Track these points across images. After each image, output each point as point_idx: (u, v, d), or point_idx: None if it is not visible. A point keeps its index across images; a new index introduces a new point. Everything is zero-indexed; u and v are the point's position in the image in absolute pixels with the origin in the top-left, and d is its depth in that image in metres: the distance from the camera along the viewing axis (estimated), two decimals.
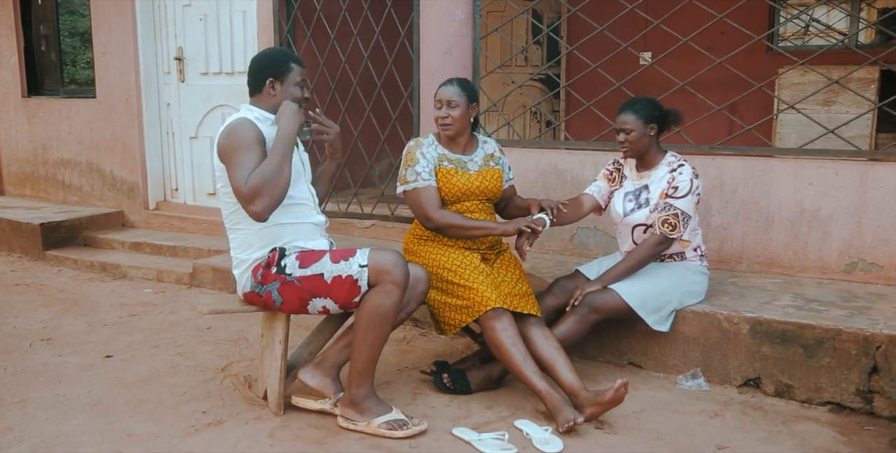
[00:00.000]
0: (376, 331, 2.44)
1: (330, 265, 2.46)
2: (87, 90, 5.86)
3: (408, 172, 2.79)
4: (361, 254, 2.47)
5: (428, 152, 2.81)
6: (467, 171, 2.84)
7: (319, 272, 2.46)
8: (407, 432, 2.42)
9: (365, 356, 2.46)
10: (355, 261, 2.45)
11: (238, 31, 4.98)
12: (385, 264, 2.42)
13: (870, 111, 4.38)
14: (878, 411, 2.61)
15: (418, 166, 2.78)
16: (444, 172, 2.80)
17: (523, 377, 2.55)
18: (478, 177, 2.85)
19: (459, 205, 2.84)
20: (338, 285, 2.45)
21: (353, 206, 4.65)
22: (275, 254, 2.53)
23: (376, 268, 2.42)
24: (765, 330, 2.77)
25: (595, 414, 2.49)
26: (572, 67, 6.34)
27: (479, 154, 2.91)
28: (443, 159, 2.83)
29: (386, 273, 2.41)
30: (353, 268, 2.44)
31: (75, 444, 2.43)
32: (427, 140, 2.87)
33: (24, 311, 3.97)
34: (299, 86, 2.62)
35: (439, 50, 4.08)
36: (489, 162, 2.91)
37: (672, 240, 2.84)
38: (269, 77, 2.58)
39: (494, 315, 2.60)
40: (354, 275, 2.43)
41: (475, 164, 2.87)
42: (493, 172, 2.89)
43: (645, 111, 2.83)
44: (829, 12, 6.00)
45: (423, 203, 2.75)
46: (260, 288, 2.55)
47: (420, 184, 2.76)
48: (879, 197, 3.21)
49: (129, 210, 5.59)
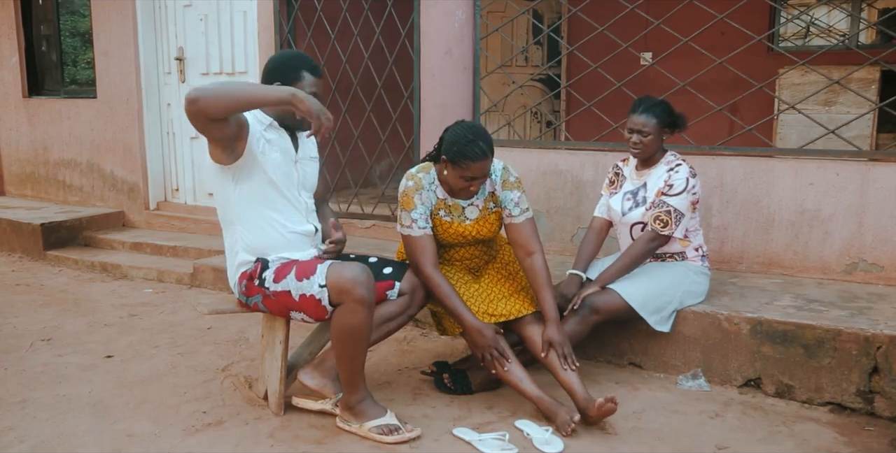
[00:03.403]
0: (351, 346, 2.40)
1: (295, 282, 2.40)
2: (88, 90, 5.86)
3: (403, 216, 2.62)
4: (321, 272, 2.37)
5: (427, 198, 2.63)
6: (464, 221, 2.67)
7: (287, 289, 2.42)
8: (396, 438, 2.40)
9: (347, 368, 2.44)
10: (315, 281, 2.37)
11: (238, 31, 4.99)
12: (344, 283, 2.32)
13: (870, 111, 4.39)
14: (878, 411, 2.60)
15: (415, 213, 2.60)
16: (438, 222, 2.66)
17: (513, 384, 2.56)
18: (473, 227, 2.68)
19: (454, 251, 2.77)
20: (304, 302, 2.41)
21: (353, 207, 4.65)
22: (258, 266, 2.50)
23: (336, 287, 2.33)
24: (765, 330, 2.77)
25: (593, 422, 2.49)
26: (573, 67, 6.34)
27: (480, 196, 2.69)
28: (440, 207, 2.66)
29: (346, 292, 2.32)
30: (314, 287, 2.37)
31: (76, 444, 2.43)
32: (427, 179, 2.64)
33: (24, 311, 3.97)
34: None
35: (440, 50, 4.08)
36: (489, 204, 2.70)
37: (665, 237, 2.84)
38: (276, 80, 2.46)
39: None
40: (317, 295, 2.37)
41: (475, 210, 2.68)
42: (491, 217, 2.71)
43: (664, 115, 2.84)
44: (829, 12, 6.00)
45: (416, 253, 2.60)
46: (246, 299, 2.55)
47: (415, 233, 2.60)
48: (880, 197, 3.20)
49: (130, 210, 5.59)
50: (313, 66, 2.50)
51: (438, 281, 2.56)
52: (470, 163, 2.47)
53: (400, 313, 2.61)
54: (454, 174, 2.53)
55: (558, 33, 5.81)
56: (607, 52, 3.95)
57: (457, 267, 2.81)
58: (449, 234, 2.69)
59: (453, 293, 2.56)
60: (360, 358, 2.44)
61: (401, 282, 2.61)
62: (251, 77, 4.95)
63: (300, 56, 2.55)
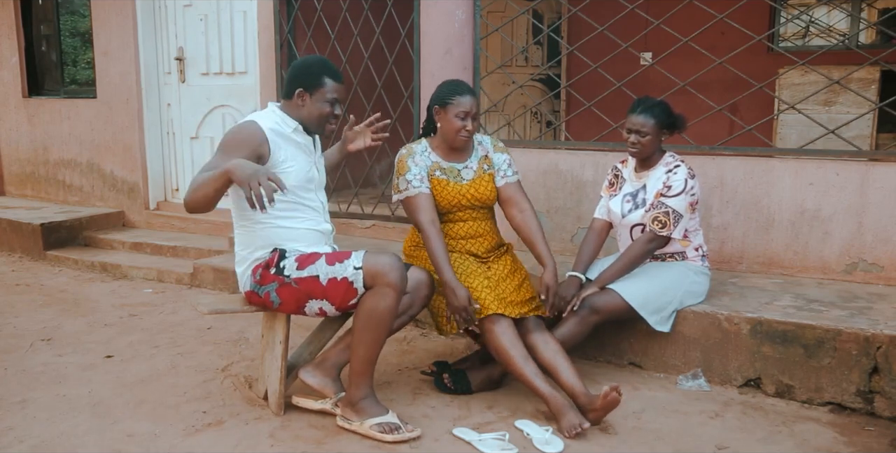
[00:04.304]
0: (373, 333, 2.43)
1: (326, 267, 2.44)
2: (88, 90, 5.86)
3: (399, 181, 2.72)
4: (356, 257, 2.44)
5: (420, 160, 2.75)
6: (460, 181, 2.76)
7: (315, 274, 2.45)
8: (397, 437, 2.40)
9: (362, 357, 2.46)
10: (350, 264, 2.42)
11: (238, 31, 4.99)
12: (381, 266, 2.38)
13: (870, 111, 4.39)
14: (878, 411, 2.60)
15: (409, 174, 2.71)
16: (434, 183, 2.74)
17: (525, 379, 2.55)
18: (470, 186, 2.77)
19: (453, 215, 2.79)
20: (333, 287, 2.43)
21: (353, 207, 4.65)
22: (275, 255, 2.52)
23: (372, 270, 2.39)
24: (765, 330, 2.77)
25: (597, 419, 2.49)
26: (573, 67, 6.34)
27: (474, 159, 2.82)
28: (435, 168, 2.76)
29: (381, 275, 2.38)
30: (348, 270, 2.41)
31: (76, 444, 2.43)
32: (419, 147, 2.79)
33: (24, 311, 3.97)
34: (329, 102, 2.53)
35: (440, 50, 4.08)
36: (483, 165, 2.82)
37: (663, 237, 2.85)
38: (299, 87, 2.52)
39: (493, 319, 2.59)
40: (350, 277, 2.41)
41: (470, 172, 2.79)
42: (486, 177, 2.81)
43: (663, 116, 2.84)
44: (829, 12, 6.00)
45: (414, 211, 2.68)
46: (259, 288, 2.54)
47: (411, 192, 2.69)
48: (880, 197, 3.20)
49: (130, 210, 5.59)
50: (335, 71, 2.56)
51: (431, 234, 2.62)
52: (458, 97, 2.66)
53: (401, 313, 2.61)
54: (448, 117, 2.68)
55: (558, 33, 5.81)
56: (607, 52, 3.95)
57: (462, 252, 2.80)
58: (447, 195, 2.73)
59: (442, 249, 2.61)
60: (376, 347, 2.46)
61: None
62: (251, 77, 4.96)
63: (322, 62, 2.58)
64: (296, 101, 2.55)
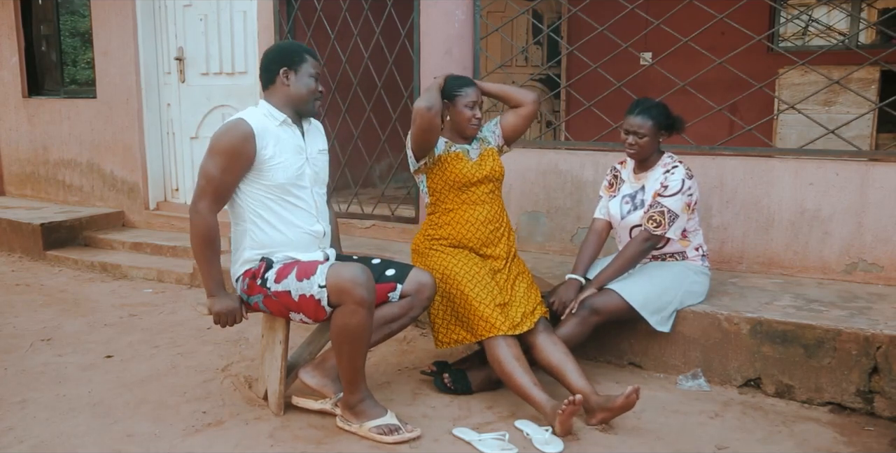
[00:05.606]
0: (350, 347, 2.39)
1: (295, 283, 2.41)
2: (88, 90, 5.85)
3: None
4: (321, 273, 2.37)
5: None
6: (471, 160, 2.85)
7: (287, 289, 2.43)
8: (396, 438, 2.40)
9: (346, 367, 2.44)
10: (315, 281, 2.37)
11: (238, 31, 4.98)
12: (344, 283, 2.32)
13: (870, 111, 4.39)
14: (878, 411, 2.60)
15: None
16: (454, 157, 2.80)
17: (522, 392, 2.54)
18: (479, 163, 2.85)
19: (471, 194, 2.81)
20: (304, 303, 2.41)
21: (353, 207, 4.65)
22: (261, 266, 2.50)
23: (336, 287, 2.34)
24: (765, 330, 2.77)
25: (605, 420, 2.48)
26: (573, 67, 6.34)
27: (475, 141, 2.92)
28: (450, 145, 2.84)
29: (346, 292, 2.32)
30: (313, 288, 2.37)
31: (75, 444, 2.43)
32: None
33: (24, 311, 3.97)
34: (314, 78, 2.57)
35: (440, 50, 4.08)
36: (483, 144, 2.92)
37: (657, 237, 2.84)
38: (282, 66, 2.53)
39: (499, 338, 2.59)
40: (316, 296, 2.37)
41: (475, 151, 2.88)
42: (490, 151, 2.90)
43: (661, 117, 2.84)
44: (829, 12, 6.00)
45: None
46: (248, 298, 2.55)
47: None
48: (880, 197, 3.20)
49: (130, 210, 5.59)
50: (311, 50, 2.65)
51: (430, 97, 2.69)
52: (465, 88, 2.81)
53: (402, 315, 2.60)
54: (458, 109, 2.81)
55: (558, 33, 5.81)
56: (607, 52, 3.95)
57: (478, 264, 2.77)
58: (464, 168, 2.79)
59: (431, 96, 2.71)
60: (359, 359, 2.43)
61: (403, 285, 2.59)
62: (251, 77, 4.95)
63: (297, 43, 2.73)
64: (281, 81, 2.53)
